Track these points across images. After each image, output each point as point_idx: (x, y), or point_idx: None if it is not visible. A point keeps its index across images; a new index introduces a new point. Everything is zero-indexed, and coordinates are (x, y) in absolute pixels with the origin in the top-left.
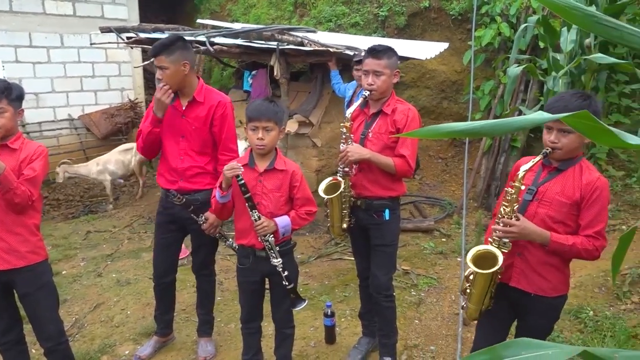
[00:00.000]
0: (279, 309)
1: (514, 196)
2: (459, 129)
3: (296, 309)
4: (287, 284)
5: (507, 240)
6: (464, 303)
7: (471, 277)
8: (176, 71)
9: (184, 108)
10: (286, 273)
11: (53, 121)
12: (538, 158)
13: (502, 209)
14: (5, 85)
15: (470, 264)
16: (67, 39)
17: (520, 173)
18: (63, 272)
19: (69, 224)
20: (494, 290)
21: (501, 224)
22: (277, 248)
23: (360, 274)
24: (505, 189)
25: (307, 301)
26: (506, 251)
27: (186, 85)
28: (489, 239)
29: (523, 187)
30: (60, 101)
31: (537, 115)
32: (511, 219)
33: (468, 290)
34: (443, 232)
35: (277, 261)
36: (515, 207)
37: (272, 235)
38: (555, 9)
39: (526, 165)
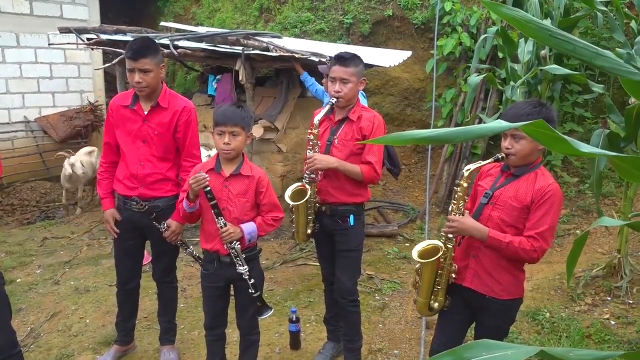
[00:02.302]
0: (243, 316)
1: (460, 194)
2: (423, 136)
3: (262, 317)
4: (253, 292)
5: (451, 235)
6: (415, 297)
7: (420, 271)
8: (158, 74)
9: (146, 113)
10: (253, 281)
11: (8, 124)
12: (488, 161)
13: (450, 207)
14: None
15: (415, 256)
16: (23, 38)
17: (465, 173)
18: (18, 281)
19: (24, 230)
20: (446, 287)
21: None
22: (244, 255)
23: (325, 279)
24: (454, 188)
25: (273, 310)
26: (451, 246)
27: (156, 89)
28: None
29: (466, 185)
30: (15, 103)
31: (496, 124)
32: (456, 215)
33: (418, 285)
34: (407, 237)
35: (243, 269)
36: (461, 205)
37: (238, 243)
38: (513, 22)
39: (472, 165)
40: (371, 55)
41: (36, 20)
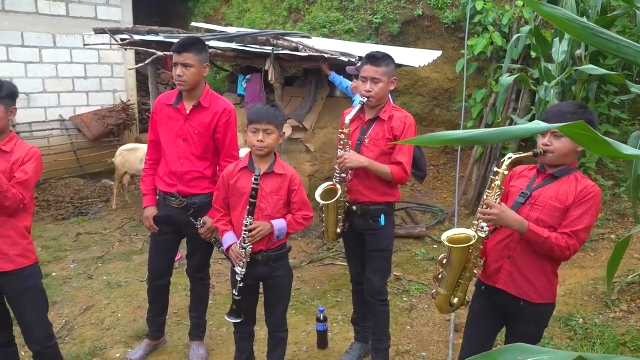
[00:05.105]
0: (272, 313)
1: (498, 182)
2: (459, 137)
3: (228, 319)
4: (236, 294)
5: (485, 224)
6: (434, 291)
7: (444, 261)
8: (199, 71)
9: (188, 112)
10: (242, 284)
11: (44, 122)
12: (527, 153)
13: (485, 196)
14: None
15: (445, 241)
16: (59, 39)
17: (507, 160)
18: (53, 274)
19: (59, 226)
20: (469, 284)
21: (484, 207)
22: (249, 259)
23: (353, 278)
24: (491, 176)
25: (241, 320)
26: (483, 236)
27: (197, 87)
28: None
29: (507, 173)
30: (51, 102)
31: (534, 125)
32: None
33: (440, 276)
34: (435, 239)
35: (240, 270)
36: (498, 194)
37: (250, 246)
38: (554, 20)
39: (515, 154)
40: (400, 55)
41: (71, 22)
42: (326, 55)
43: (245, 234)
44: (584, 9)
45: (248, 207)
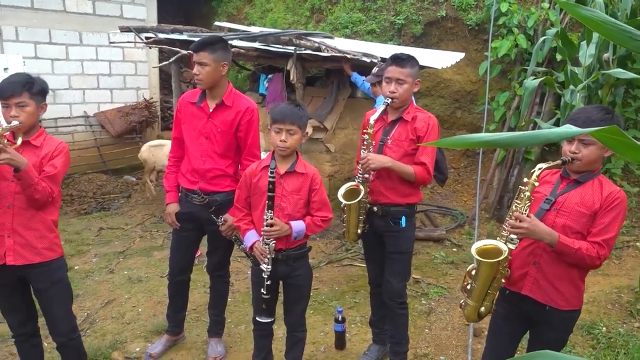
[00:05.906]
0: (291, 312)
1: (527, 194)
2: (486, 140)
3: (259, 319)
4: (264, 292)
5: (514, 236)
6: (462, 301)
7: (473, 272)
8: (215, 70)
9: (211, 110)
10: (269, 282)
11: (69, 117)
12: (556, 162)
13: (513, 206)
14: (27, 79)
15: (474, 254)
16: (85, 37)
17: (537, 171)
18: (75, 268)
19: (81, 220)
20: (496, 293)
21: (513, 219)
22: (273, 255)
23: (371, 280)
24: (520, 187)
25: (273, 320)
26: (513, 248)
27: (218, 86)
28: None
29: (537, 184)
30: (76, 98)
31: (565, 129)
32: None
33: (469, 287)
34: (454, 242)
35: (266, 267)
36: (527, 205)
37: (273, 242)
38: (590, 23)
39: (543, 164)
40: (422, 56)
41: (98, 20)
42: (348, 56)
43: (265, 229)
44: (612, 11)
45: (267, 201)
